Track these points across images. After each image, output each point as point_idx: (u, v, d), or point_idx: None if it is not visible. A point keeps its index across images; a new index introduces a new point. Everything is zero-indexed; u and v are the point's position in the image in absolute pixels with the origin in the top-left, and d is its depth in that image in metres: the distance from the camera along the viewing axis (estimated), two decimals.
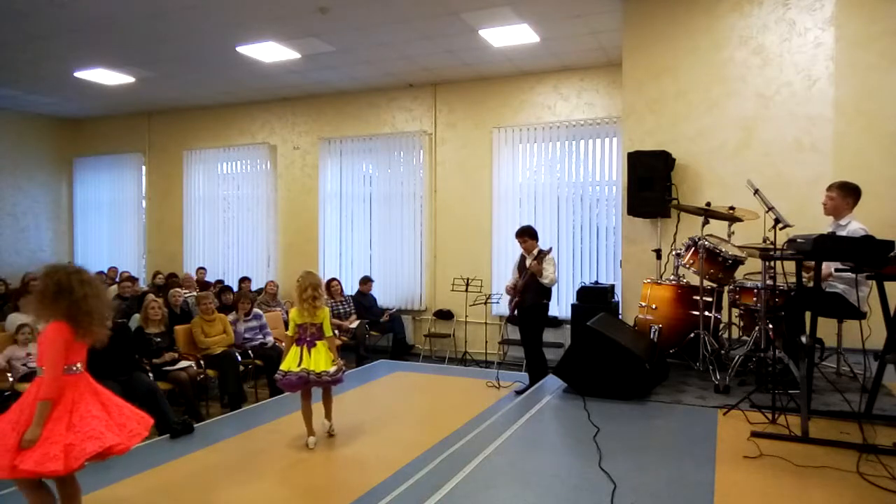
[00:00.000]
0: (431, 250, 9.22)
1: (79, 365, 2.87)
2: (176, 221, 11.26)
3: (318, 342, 4.45)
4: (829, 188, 4.55)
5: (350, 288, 9.34)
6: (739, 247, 5.01)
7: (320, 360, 4.40)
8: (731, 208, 4.98)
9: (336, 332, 8.26)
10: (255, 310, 7.42)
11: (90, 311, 2.82)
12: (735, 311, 5.16)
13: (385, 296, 9.38)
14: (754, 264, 5.09)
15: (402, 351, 8.85)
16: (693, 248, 4.93)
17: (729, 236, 5.13)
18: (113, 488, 3.66)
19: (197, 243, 11.13)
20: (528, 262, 5.88)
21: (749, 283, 4.90)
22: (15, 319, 6.70)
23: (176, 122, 11.34)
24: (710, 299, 4.98)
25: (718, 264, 4.87)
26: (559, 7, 6.32)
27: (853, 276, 3.91)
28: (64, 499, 2.87)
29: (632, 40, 6.29)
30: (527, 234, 5.95)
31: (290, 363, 4.40)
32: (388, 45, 7.51)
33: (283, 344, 4.88)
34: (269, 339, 7.06)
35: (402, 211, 9.37)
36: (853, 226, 4.37)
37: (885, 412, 3.83)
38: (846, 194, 4.48)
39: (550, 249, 5.84)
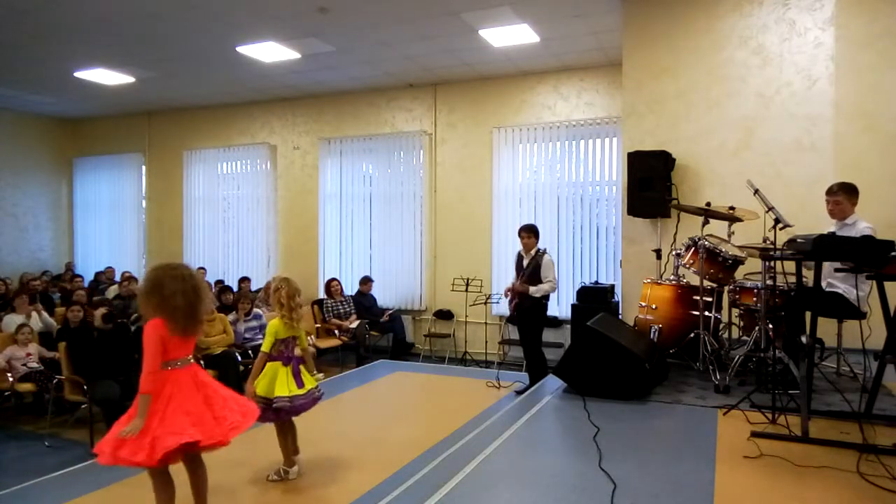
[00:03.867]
0: (431, 250, 9.22)
1: (183, 360, 2.91)
2: (176, 221, 11.26)
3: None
4: (834, 192, 4.49)
5: (350, 288, 9.34)
6: (739, 247, 5.01)
7: (310, 378, 3.79)
8: (731, 208, 4.98)
9: (336, 332, 8.35)
10: (255, 310, 7.43)
11: (177, 306, 2.84)
12: (735, 311, 5.16)
13: (385, 296, 9.38)
14: (754, 264, 5.09)
15: (402, 351, 8.85)
16: (693, 248, 4.93)
17: (729, 236, 5.13)
18: (110, 489, 3.64)
19: (197, 243, 11.13)
20: (525, 262, 5.89)
21: (749, 283, 4.89)
22: (12, 320, 6.70)
23: (176, 122, 11.34)
24: (710, 299, 4.98)
25: (718, 264, 4.86)
26: (559, 7, 6.32)
27: (853, 275, 3.92)
28: (192, 476, 2.99)
29: (632, 40, 6.29)
30: (532, 232, 5.95)
31: (286, 387, 3.60)
32: (388, 45, 7.51)
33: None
34: None
35: (402, 211, 9.36)
36: (861, 225, 4.35)
37: (885, 412, 3.83)
38: (851, 195, 4.47)
39: (546, 251, 5.87)
